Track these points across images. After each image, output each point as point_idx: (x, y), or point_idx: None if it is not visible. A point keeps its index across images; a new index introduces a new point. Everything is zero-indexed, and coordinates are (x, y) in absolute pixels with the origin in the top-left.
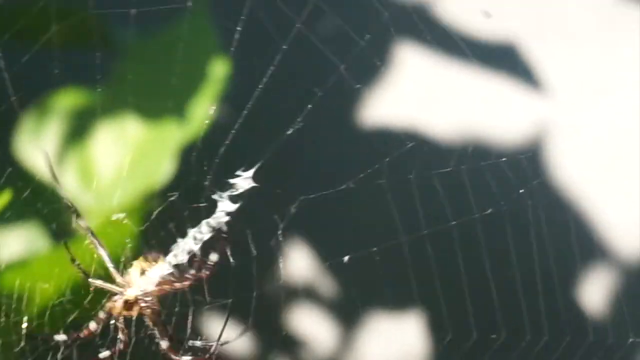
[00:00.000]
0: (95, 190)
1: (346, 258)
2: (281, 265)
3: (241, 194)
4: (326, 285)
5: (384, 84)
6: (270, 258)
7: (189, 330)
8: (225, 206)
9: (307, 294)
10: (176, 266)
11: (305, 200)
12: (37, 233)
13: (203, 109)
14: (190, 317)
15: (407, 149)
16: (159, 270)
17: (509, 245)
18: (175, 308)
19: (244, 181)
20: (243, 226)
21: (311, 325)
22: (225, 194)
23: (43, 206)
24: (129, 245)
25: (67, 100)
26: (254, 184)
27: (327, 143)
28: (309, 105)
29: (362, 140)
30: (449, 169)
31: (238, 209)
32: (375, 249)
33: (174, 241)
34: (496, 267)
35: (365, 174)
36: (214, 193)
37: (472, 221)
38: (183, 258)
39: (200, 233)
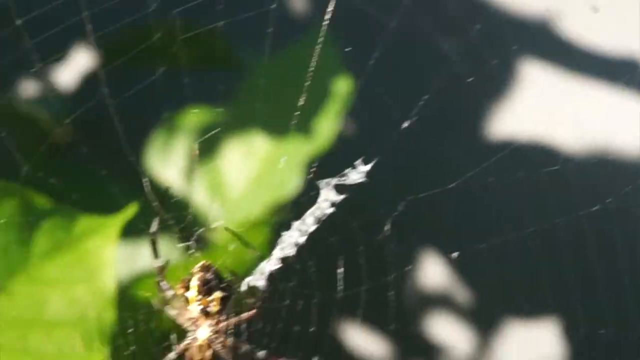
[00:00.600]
0: (225, 203)
1: (455, 254)
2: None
3: (349, 186)
4: (461, 291)
5: (504, 95)
6: (378, 254)
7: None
8: (329, 195)
9: (443, 300)
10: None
11: (414, 200)
12: (168, 244)
13: (329, 124)
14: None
15: (515, 147)
16: (269, 266)
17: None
18: (285, 302)
19: (356, 174)
20: (350, 219)
21: (448, 331)
22: (332, 183)
23: (172, 218)
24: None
25: (195, 118)
26: (364, 178)
27: (437, 144)
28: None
29: (471, 140)
30: (556, 167)
31: (344, 202)
32: (483, 245)
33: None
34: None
35: (474, 173)
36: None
37: (578, 218)
38: (290, 251)
39: (305, 225)
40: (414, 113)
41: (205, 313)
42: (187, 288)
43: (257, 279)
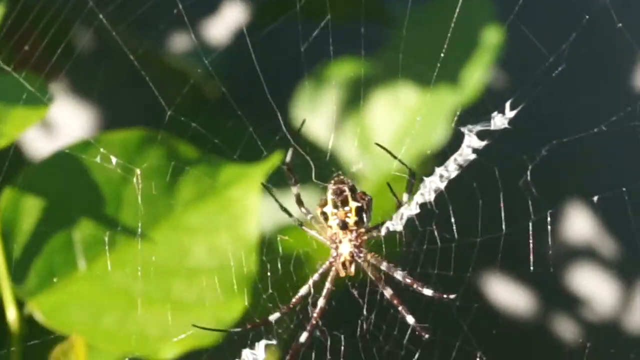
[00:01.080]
0: (371, 153)
1: (595, 198)
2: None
3: (492, 132)
4: (606, 244)
5: None
6: (518, 198)
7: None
8: (472, 142)
9: (588, 253)
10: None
11: (557, 144)
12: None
13: (477, 76)
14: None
15: None
16: (409, 210)
17: None
18: (424, 246)
19: (499, 120)
20: (492, 165)
21: (592, 284)
22: (475, 129)
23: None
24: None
25: (343, 70)
26: (507, 125)
27: (582, 90)
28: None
29: (616, 84)
30: None
31: (487, 147)
32: (624, 189)
33: None
34: None
35: (618, 117)
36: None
37: None
38: (430, 197)
39: (447, 171)
40: (561, 60)
41: (344, 226)
42: (325, 204)
43: (395, 224)
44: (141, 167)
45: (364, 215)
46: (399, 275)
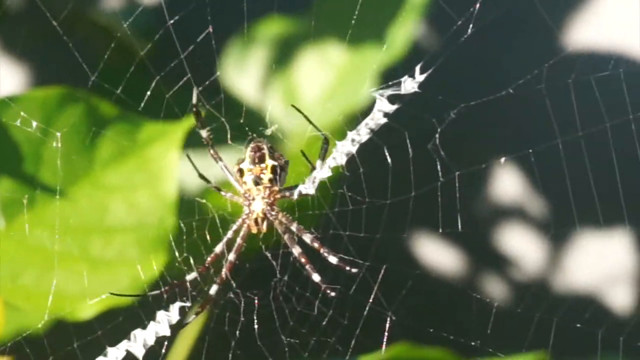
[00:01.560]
0: (297, 114)
1: (502, 160)
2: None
3: (402, 96)
4: (535, 204)
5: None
6: (427, 161)
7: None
8: (383, 106)
9: (517, 212)
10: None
11: (466, 107)
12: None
13: (403, 33)
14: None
15: (566, 54)
16: (321, 173)
17: None
18: (335, 208)
19: (409, 84)
20: (401, 128)
21: (520, 243)
22: (386, 94)
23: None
24: None
25: (271, 29)
26: (416, 89)
27: (489, 53)
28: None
29: (523, 47)
30: (607, 73)
31: (398, 111)
32: (531, 150)
33: None
34: None
35: (525, 80)
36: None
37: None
38: (342, 161)
39: (359, 135)
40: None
41: (257, 182)
42: (242, 161)
43: (308, 187)
44: (61, 131)
45: (279, 175)
46: (307, 238)
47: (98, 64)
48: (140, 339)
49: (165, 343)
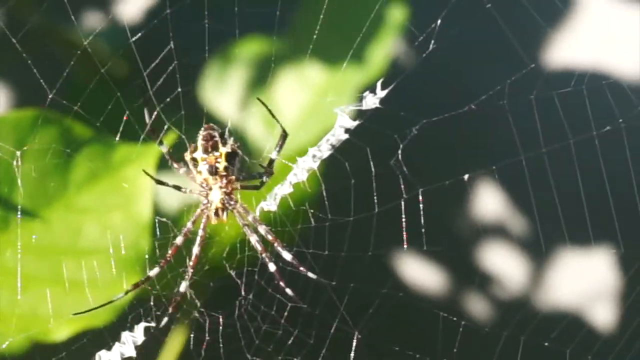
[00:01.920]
0: (276, 134)
1: (466, 177)
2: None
3: (364, 112)
4: (516, 222)
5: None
6: (390, 177)
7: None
8: (344, 122)
9: (498, 231)
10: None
11: (428, 123)
12: None
13: (381, 52)
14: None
15: (529, 70)
16: (282, 190)
17: (627, 163)
18: (298, 225)
19: (370, 100)
20: (363, 145)
21: (502, 261)
22: (347, 109)
23: None
24: None
25: (249, 48)
26: (378, 105)
27: (450, 69)
28: (433, 25)
29: (486, 63)
30: (568, 89)
31: (359, 128)
32: (494, 167)
33: None
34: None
35: (487, 96)
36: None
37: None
38: (303, 177)
39: (320, 151)
40: (431, 39)
41: (213, 171)
42: (195, 149)
43: (270, 204)
44: (22, 149)
45: (234, 162)
46: (262, 229)
47: (71, 84)
48: None
49: None
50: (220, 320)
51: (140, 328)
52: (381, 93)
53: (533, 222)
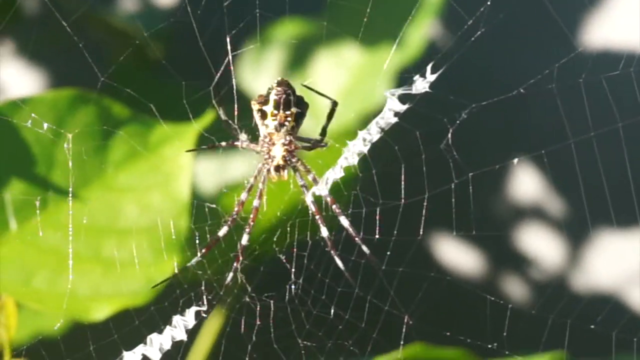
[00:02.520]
0: (315, 114)
1: (516, 160)
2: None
3: (413, 96)
4: (554, 203)
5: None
6: (440, 161)
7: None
8: (393, 105)
9: (535, 212)
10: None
11: (477, 107)
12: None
13: (418, 33)
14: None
15: (577, 54)
16: (333, 174)
17: None
18: (349, 210)
19: (420, 84)
20: (413, 129)
21: (546, 244)
22: (397, 93)
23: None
24: None
25: (286, 30)
26: (427, 89)
27: (498, 53)
28: (482, 9)
29: (534, 47)
30: (617, 72)
31: (408, 111)
32: (543, 151)
33: None
34: None
35: (536, 80)
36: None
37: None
38: (354, 161)
39: (369, 134)
40: (480, 24)
41: (280, 128)
42: (265, 102)
43: (321, 189)
44: (71, 132)
45: (300, 122)
46: (322, 190)
47: (111, 66)
48: (157, 343)
49: (182, 347)
50: (271, 304)
51: (191, 312)
52: (431, 77)
53: (578, 204)
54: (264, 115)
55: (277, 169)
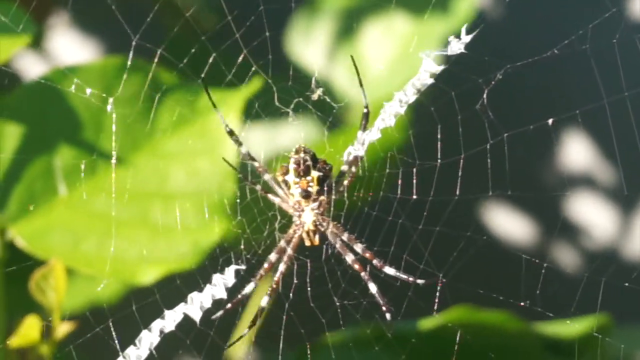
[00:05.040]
0: (365, 82)
1: (550, 121)
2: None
3: (449, 57)
4: (605, 172)
5: None
6: (475, 122)
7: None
8: (429, 66)
9: (587, 181)
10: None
11: (512, 68)
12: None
13: (466, 1)
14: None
15: (611, 14)
16: (370, 135)
17: None
18: (386, 170)
19: (455, 45)
20: (448, 89)
21: (590, 212)
22: (432, 54)
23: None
24: None
25: (337, 0)
26: (463, 50)
27: (532, 14)
28: None
29: (568, 7)
30: None
31: (444, 73)
32: (577, 111)
33: None
34: None
35: (570, 41)
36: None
37: None
38: (391, 122)
39: (405, 95)
40: None
41: (306, 195)
42: (287, 172)
43: (357, 149)
44: (114, 96)
45: (325, 183)
46: (358, 248)
47: (162, 37)
48: (197, 302)
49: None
50: (308, 263)
51: (230, 270)
52: (466, 38)
53: (616, 167)
54: (287, 185)
55: (309, 234)
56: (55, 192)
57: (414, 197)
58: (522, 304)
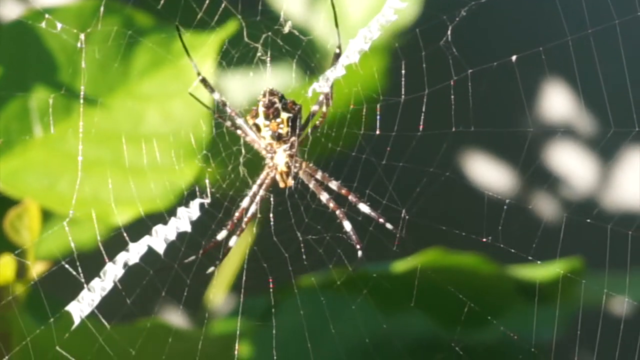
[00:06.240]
0: (343, 29)
1: (514, 58)
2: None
3: None
4: (584, 121)
5: None
6: (439, 58)
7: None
8: (393, 2)
9: (566, 131)
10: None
11: (477, 4)
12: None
13: None
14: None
15: None
16: (335, 73)
17: None
18: (350, 106)
19: None
20: (413, 26)
21: (569, 161)
22: None
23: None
24: None
25: None
26: None
27: None
28: None
29: None
30: None
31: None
32: (541, 48)
33: None
34: None
35: None
36: None
37: None
38: (355, 58)
39: (370, 32)
40: None
41: (277, 137)
42: (257, 115)
43: (322, 85)
44: (85, 32)
45: (296, 124)
46: (333, 185)
47: None
48: (162, 235)
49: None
50: (271, 198)
51: (195, 204)
52: None
53: (579, 102)
54: (258, 128)
55: (283, 176)
56: (31, 133)
57: (377, 132)
58: (484, 239)
